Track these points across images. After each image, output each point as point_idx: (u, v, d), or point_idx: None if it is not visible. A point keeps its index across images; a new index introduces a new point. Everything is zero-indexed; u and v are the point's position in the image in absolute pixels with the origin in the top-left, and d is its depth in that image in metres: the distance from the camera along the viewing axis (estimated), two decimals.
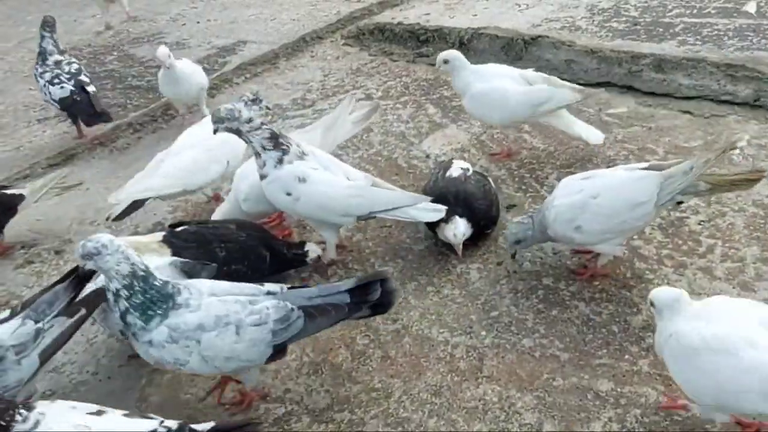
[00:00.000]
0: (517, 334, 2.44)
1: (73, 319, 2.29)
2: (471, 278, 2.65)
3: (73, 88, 4.15)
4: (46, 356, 2.26)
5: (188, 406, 2.39)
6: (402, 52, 4.79)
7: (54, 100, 4.20)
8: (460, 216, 2.67)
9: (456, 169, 2.91)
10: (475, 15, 5.00)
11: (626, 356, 2.30)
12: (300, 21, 5.66)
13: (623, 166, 2.61)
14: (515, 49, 4.27)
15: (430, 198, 2.69)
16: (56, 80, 4.20)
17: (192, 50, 5.40)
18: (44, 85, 4.23)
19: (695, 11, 4.35)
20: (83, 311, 2.31)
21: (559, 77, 3.98)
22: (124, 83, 5.23)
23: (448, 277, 2.68)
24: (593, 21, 4.53)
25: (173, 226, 2.74)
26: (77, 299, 2.31)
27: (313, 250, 2.74)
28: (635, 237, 2.71)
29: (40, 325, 2.25)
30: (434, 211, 2.63)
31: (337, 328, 2.57)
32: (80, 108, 4.16)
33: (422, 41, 4.78)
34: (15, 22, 7.45)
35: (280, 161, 2.59)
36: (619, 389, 2.19)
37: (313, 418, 2.27)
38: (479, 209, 2.73)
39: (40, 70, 4.30)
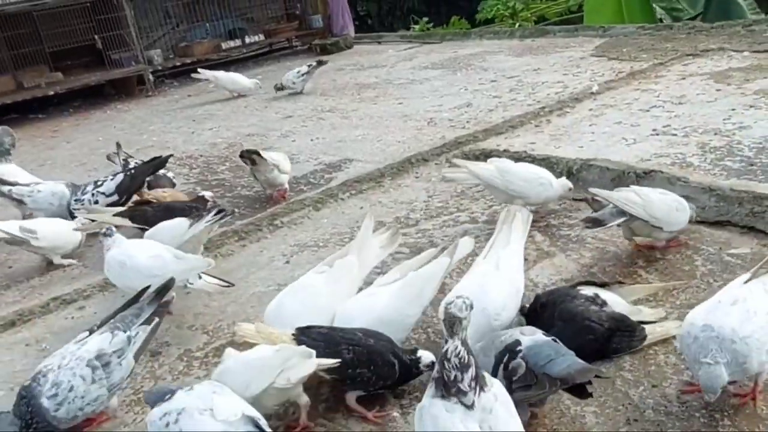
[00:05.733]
0: None
1: (151, 326, 2.93)
2: (587, 423, 2.43)
3: None
4: (137, 356, 2.90)
5: None
6: None
7: None
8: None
9: (586, 288, 2.86)
10: (581, 147, 4.98)
11: None
12: (405, 143, 5.81)
13: (728, 286, 2.55)
14: (626, 182, 4.15)
15: None
16: None
17: (301, 165, 5.60)
18: None
19: None
20: (157, 320, 2.96)
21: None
22: (233, 192, 5.46)
23: (561, 419, 2.48)
24: (705, 159, 4.40)
25: (303, 328, 2.76)
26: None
27: (426, 356, 2.67)
28: None
29: (129, 333, 2.86)
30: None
31: None
32: None
33: None
34: (138, 130, 8.04)
35: None
36: None
37: None
38: (551, 332, 2.65)
39: None
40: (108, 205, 4.74)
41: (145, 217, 4.25)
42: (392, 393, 2.74)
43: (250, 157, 4.88)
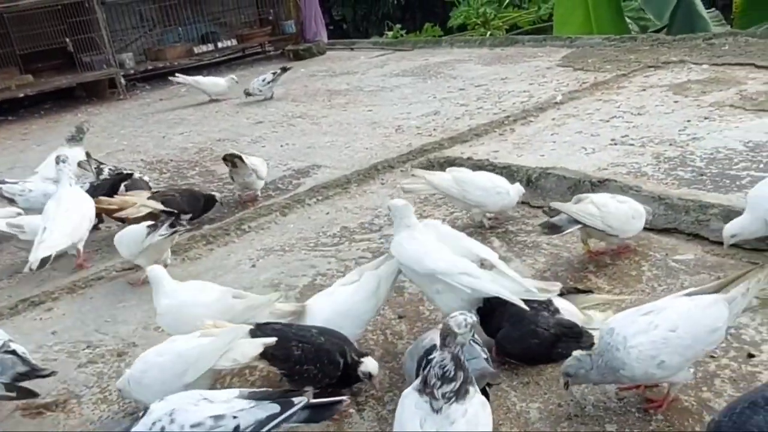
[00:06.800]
0: None
1: None
2: (531, 418, 2.57)
3: None
4: None
5: None
6: None
7: None
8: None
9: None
10: (542, 155, 5.14)
11: None
12: (372, 150, 5.93)
13: (671, 296, 2.61)
14: (582, 190, 4.32)
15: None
16: None
17: (270, 170, 5.67)
18: None
19: (762, 165, 4.34)
20: None
21: None
22: None
23: (507, 414, 2.61)
24: (659, 168, 4.58)
25: (260, 324, 2.86)
26: None
27: (367, 364, 2.73)
28: (704, 389, 2.62)
29: None
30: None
31: None
32: None
33: None
34: (109, 133, 8.05)
35: None
36: None
37: None
38: (499, 332, 2.86)
39: None
40: None
41: (175, 202, 4.62)
42: (350, 391, 2.85)
43: (233, 160, 5.03)
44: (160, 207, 4.55)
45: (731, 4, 10.92)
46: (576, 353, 2.49)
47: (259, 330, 2.78)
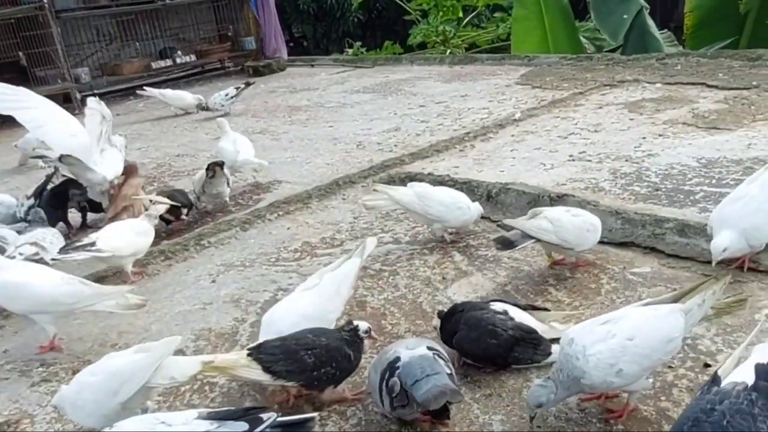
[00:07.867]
0: None
1: None
2: (494, 430, 2.58)
3: None
4: None
5: None
6: None
7: None
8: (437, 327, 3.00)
9: (497, 304, 2.99)
10: (502, 171, 5.20)
11: None
12: (334, 165, 5.93)
13: (629, 306, 2.66)
14: (541, 205, 4.37)
15: None
16: None
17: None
18: None
19: (714, 181, 4.47)
20: None
21: None
22: None
23: (470, 427, 2.61)
24: (616, 183, 4.67)
25: (256, 346, 2.79)
26: None
27: (359, 325, 2.79)
28: (663, 398, 2.66)
29: None
30: None
31: None
32: None
33: None
34: None
35: None
36: None
37: None
38: (456, 335, 2.88)
39: None
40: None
41: (177, 198, 4.91)
42: (312, 406, 2.82)
43: (215, 168, 5.03)
44: (170, 202, 4.70)
45: (683, 25, 11.27)
46: (536, 382, 2.49)
47: (260, 353, 2.68)
